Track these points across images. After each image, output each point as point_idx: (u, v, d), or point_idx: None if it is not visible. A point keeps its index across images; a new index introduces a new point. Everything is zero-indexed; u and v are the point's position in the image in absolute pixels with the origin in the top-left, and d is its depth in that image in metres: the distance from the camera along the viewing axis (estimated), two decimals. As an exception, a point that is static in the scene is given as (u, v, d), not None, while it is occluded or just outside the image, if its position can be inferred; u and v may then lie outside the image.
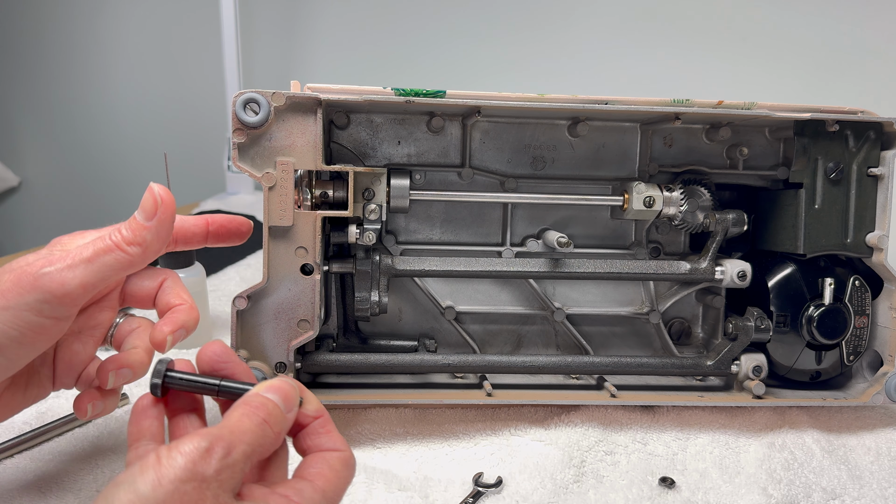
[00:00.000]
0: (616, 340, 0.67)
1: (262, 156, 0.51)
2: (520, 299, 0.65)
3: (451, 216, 0.64)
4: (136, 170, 1.88)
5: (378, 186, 0.55)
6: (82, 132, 1.93)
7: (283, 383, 0.36)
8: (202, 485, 0.30)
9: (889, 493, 0.51)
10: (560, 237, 0.58)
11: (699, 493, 0.50)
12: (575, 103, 0.54)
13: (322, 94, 0.51)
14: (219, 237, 0.51)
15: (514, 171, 0.63)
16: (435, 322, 0.65)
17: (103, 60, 1.87)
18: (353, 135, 0.61)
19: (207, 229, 0.50)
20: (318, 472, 0.35)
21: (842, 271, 0.60)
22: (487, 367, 0.59)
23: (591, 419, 0.58)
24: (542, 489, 0.49)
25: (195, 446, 0.31)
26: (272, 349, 0.52)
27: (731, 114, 0.56)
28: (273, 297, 0.52)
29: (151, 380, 0.37)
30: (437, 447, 0.54)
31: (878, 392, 0.59)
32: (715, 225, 0.60)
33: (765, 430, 0.58)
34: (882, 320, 0.60)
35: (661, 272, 0.60)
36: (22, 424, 0.54)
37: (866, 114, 0.57)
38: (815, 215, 0.59)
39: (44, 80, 1.94)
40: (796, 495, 0.50)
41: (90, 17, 1.85)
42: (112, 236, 0.41)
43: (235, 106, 0.50)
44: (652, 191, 0.60)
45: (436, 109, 0.59)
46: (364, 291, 0.58)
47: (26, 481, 0.47)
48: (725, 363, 0.60)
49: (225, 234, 0.51)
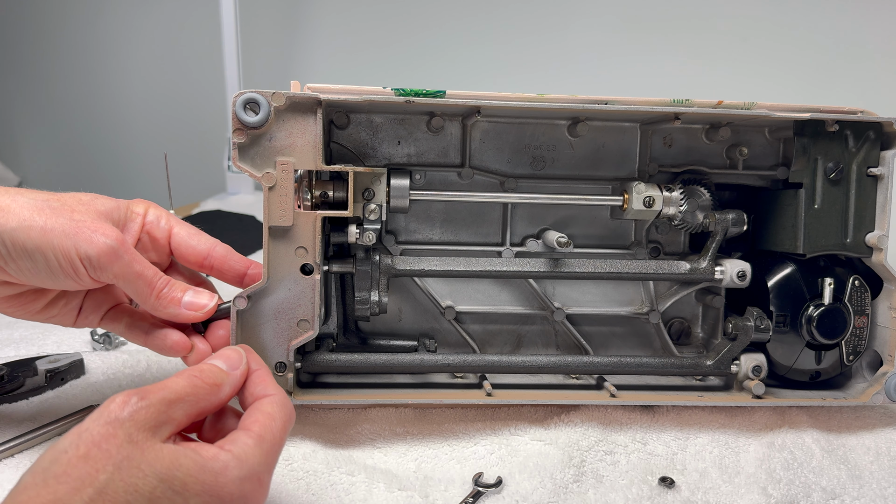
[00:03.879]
0: (616, 340, 0.67)
1: (262, 156, 0.51)
2: (520, 299, 0.65)
3: (451, 216, 0.64)
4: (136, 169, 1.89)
5: (378, 186, 0.55)
6: (82, 132, 1.93)
7: (226, 349, 0.42)
8: (114, 424, 0.33)
9: (889, 492, 0.51)
10: (560, 237, 0.58)
11: (699, 492, 0.50)
12: (575, 103, 0.54)
13: (322, 94, 0.51)
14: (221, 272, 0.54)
15: (514, 170, 0.63)
16: (435, 322, 0.65)
17: (103, 61, 1.87)
18: (353, 135, 0.61)
19: (210, 252, 0.53)
20: (254, 419, 0.38)
21: (841, 271, 0.60)
22: (487, 367, 0.59)
23: (590, 419, 0.58)
24: (541, 489, 0.49)
25: (117, 399, 0.34)
26: (272, 349, 0.52)
27: (730, 114, 0.56)
28: (273, 296, 0.52)
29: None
30: (437, 447, 0.54)
31: (878, 392, 0.59)
32: (715, 225, 0.60)
33: (764, 430, 0.58)
34: (882, 320, 0.60)
35: (660, 272, 0.60)
36: (22, 424, 0.54)
37: (866, 114, 0.57)
38: (814, 215, 0.59)
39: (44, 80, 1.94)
40: (796, 495, 0.50)
41: (90, 18, 1.85)
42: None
43: (235, 106, 0.50)
44: (652, 191, 0.60)
45: (436, 109, 0.59)
46: (364, 291, 0.58)
47: (26, 481, 0.47)
48: (725, 363, 0.60)
49: (227, 268, 0.54)
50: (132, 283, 0.47)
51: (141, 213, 0.52)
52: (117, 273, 0.46)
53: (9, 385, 0.59)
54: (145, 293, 0.48)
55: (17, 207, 0.44)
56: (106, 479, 0.31)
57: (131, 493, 0.31)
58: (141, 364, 0.65)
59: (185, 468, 0.33)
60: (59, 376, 0.60)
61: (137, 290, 0.47)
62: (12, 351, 0.69)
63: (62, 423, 0.54)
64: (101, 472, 0.31)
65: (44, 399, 0.59)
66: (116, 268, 0.46)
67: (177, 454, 0.33)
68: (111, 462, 0.32)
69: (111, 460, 0.32)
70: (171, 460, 0.33)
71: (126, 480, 0.31)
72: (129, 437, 0.33)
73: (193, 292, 0.50)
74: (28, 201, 0.45)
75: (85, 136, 1.92)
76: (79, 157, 1.93)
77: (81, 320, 0.52)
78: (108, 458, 0.32)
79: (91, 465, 0.31)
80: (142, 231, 0.52)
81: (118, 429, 0.33)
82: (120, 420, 0.33)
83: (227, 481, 0.34)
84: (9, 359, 0.63)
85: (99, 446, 0.32)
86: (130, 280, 0.47)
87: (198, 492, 0.33)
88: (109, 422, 0.33)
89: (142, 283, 0.47)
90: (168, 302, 0.48)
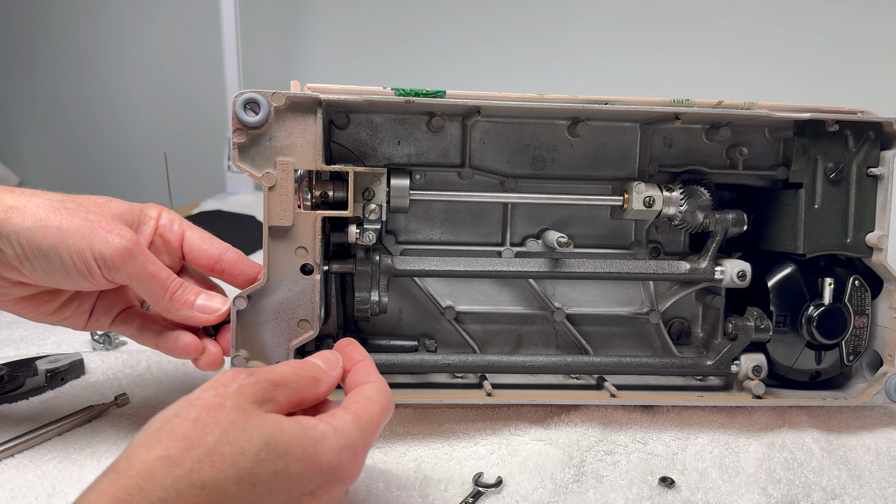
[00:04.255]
0: (616, 340, 0.67)
1: (263, 156, 0.51)
2: (520, 299, 0.65)
3: (451, 216, 0.64)
4: (136, 169, 1.89)
5: (378, 186, 0.55)
6: (82, 132, 1.93)
7: (325, 352, 0.45)
8: (223, 394, 0.35)
9: (889, 492, 0.51)
10: (560, 237, 0.58)
11: (699, 492, 0.50)
12: (575, 103, 0.54)
13: (322, 94, 0.51)
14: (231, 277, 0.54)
15: (514, 170, 0.63)
16: (435, 322, 0.65)
17: (104, 61, 1.87)
18: (353, 135, 0.61)
19: (221, 256, 0.53)
20: (353, 400, 0.40)
21: (841, 271, 0.60)
22: (487, 367, 0.59)
23: (590, 419, 0.58)
24: (541, 489, 0.49)
25: (227, 373, 0.37)
26: (272, 349, 0.52)
27: (730, 114, 0.56)
28: (273, 296, 0.52)
29: None
30: (437, 447, 0.54)
31: (878, 392, 0.59)
32: (715, 225, 0.60)
33: (764, 430, 0.58)
34: (882, 320, 0.60)
35: (660, 272, 0.60)
36: (22, 424, 0.55)
37: (866, 114, 0.57)
38: (814, 215, 0.59)
39: (44, 80, 1.94)
40: (796, 495, 0.50)
41: (90, 18, 1.85)
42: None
43: (235, 106, 0.50)
44: (652, 191, 0.60)
45: (436, 109, 0.59)
46: (364, 291, 0.58)
47: (26, 481, 0.47)
48: (725, 363, 0.60)
49: (238, 273, 0.54)
50: (146, 284, 0.47)
51: (154, 217, 0.53)
52: (131, 273, 0.46)
53: (9, 385, 0.59)
54: (159, 295, 0.48)
55: (34, 207, 0.45)
56: (214, 440, 0.33)
57: (238, 454, 0.33)
58: (141, 364, 0.65)
59: (287, 433, 0.35)
60: (59, 376, 0.60)
61: (151, 291, 0.48)
62: (12, 351, 0.69)
63: (62, 423, 0.54)
64: (209, 435, 0.33)
65: (44, 399, 0.59)
66: (131, 268, 0.46)
67: (280, 420, 0.36)
68: (219, 426, 0.34)
69: (220, 424, 0.34)
70: (275, 425, 0.35)
71: (233, 442, 0.33)
72: (236, 405, 0.35)
73: (206, 295, 0.50)
74: (44, 202, 0.46)
75: (85, 136, 1.92)
76: (79, 157, 1.93)
77: (92, 323, 0.52)
78: (216, 423, 0.34)
79: (201, 428, 0.33)
80: (155, 234, 0.52)
81: (227, 398, 0.35)
82: (229, 391, 0.36)
83: (326, 449, 0.36)
84: (9, 359, 0.63)
85: (209, 412, 0.34)
86: (144, 281, 0.47)
87: (299, 456, 0.35)
88: (219, 392, 0.35)
89: (155, 285, 0.48)
90: (181, 304, 0.49)
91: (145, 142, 1.86)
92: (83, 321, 0.52)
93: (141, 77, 1.84)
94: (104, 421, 0.56)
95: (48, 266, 0.45)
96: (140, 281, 0.47)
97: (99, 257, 0.45)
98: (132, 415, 0.57)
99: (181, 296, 0.49)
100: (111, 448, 0.52)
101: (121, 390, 0.61)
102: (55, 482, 0.47)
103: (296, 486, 0.34)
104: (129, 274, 0.46)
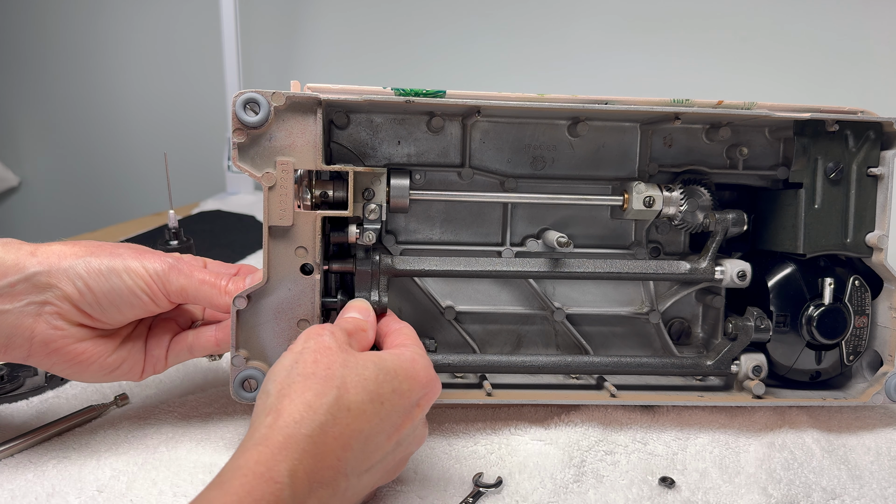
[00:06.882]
0: (616, 340, 0.67)
1: (262, 156, 0.51)
2: (520, 299, 0.65)
3: (451, 216, 0.64)
4: (136, 170, 1.89)
5: (378, 186, 0.55)
6: (82, 132, 1.93)
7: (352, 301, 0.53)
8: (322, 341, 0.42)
9: (889, 492, 0.51)
10: (560, 237, 0.58)
11: (699, 492, 0.50)
12: (575, 103, 0.54)
13: (322, 94, 0.51)
14: None
15: (514, 170, 0.63)
16: (435, 322, 0.65)
17: (104, 61, 1.87)
18: (353, 135, 0.61)
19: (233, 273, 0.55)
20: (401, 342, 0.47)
21: (842, 271, 0.60)
22: (487, 367, 0.59)
23: (591, 419, 0.58)
24: (541, 489, 0.49)
25: (313, 329, 0.44)
26: (272, 349, 0.52)
27: (730, 114, 0.56)
28: (273, 296, 0.52)
29: None
30: (437, 446, 0.54)
31: (878, 392, 0.59)
32: (715, 225, 0.60)
33: (765, 430, 0.58)
34: (882, 320, 0.60)
35: (661, 272, 0.60)
36: (22, 424, 0.55)
37: (866, 114, 0.57)
38: (814, 215, 0.59)
39: (44, 80, 1.94)
40: (796, 495, 0.50)
41: (90, 18, 1.85)
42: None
43: (235, 106, 0.50)
44: (652, 191, 0.60)
45: (436, 109, 0.59)
46: (364, 291, 0.58)
47: (26, 481, 0.47)
48: (725, 363, 0.60)
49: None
50: (200, 290, 0.50)
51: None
52: (184, 284, 0.50)
53: (9, 385, 0.59)
54: (214, 294, 0.51)
55: (74, 248, 0.48)
56: (342, 373, 0.39)
57: (362, 381, 0.40)
58: (141, 364, 0.65)
59: (388, 359, 0.42)
60: (60, 376, 0.60)
61: (207, 294, 0.51)
62: (12, 351, 0.69)
63: (62, 423, 0.54)
64: (335, 368, 0.40)
65: (44, 399, 0.59)
66: (182, 280, 0.50)
67: (372, 352, 0.43)
68: (338, 361, 0.40)
69: (338, 360, 0.40)
70: (377, 356, 0.42)
71: (356, 372, 0.40)
72: (339, 347, 0.42)
73: (251, 278, 0.53)
74: (79, 248, 0.49)
75: (85, 136, 1.92)
76: (79, 157, 1.93)
77: (149, 364, 0.53)
78: (335, 358, 0.40)
79: (324, 366, 0.40)
80: None
81: (329, 343, 0.42)
82: (325, 339, 0.42)
83: (419, 367, 0.43)
84: (9, 359, 0.63)
85: (323, 352, 0.41)
86: (197, 288, 0.50)
87: (405, 376, 0.42)
88: (318, 341, 0.42)
89: (208, 287, 0.51)
90: (237, 292, 0.51)
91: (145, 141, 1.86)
92: (140, 365, 0.52)
93: (141, 77, 1.84)
94: (104, 421, 0.56)
95: (110, 290, 0.48)
96: (194, 289, 0.50)
97: (153, 272, 0.49)
98: (132, 415, 0.57)
99: (234, 288, 0.51)
100: (111, 448, 0.52)
101: (120, 390, 0.61)
102: (55, 482, 0.47)
103: (407, 399, 0.41)
104: (181, 285, 0.50)
